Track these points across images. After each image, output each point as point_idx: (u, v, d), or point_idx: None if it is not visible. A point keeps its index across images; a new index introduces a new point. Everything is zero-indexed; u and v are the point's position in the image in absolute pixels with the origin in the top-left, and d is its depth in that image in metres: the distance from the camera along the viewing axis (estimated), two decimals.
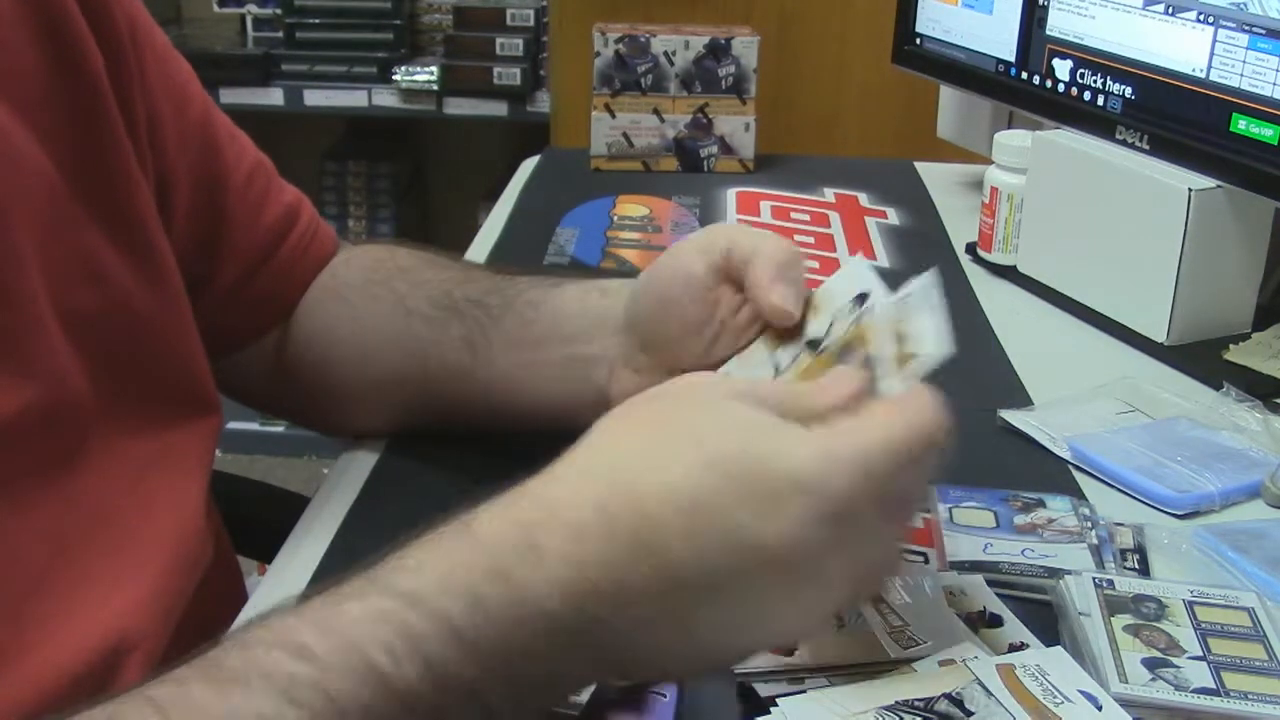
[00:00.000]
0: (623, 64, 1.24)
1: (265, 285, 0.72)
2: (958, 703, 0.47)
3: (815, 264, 1.04)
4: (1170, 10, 0.88)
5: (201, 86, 0.69)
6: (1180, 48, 0.88)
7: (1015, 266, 1.01)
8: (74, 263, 0.56)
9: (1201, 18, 0.86)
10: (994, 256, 1.03)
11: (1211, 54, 0.85)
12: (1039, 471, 0.72)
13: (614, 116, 1.25)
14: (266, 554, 0.65)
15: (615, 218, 1.15)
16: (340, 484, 0.69)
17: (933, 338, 0.52)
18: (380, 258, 0.75)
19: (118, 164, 0.59)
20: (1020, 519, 0.65)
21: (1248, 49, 0.83)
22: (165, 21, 2.38)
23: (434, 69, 2.15)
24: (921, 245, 1.10)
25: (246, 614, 0.58)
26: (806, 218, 1.16)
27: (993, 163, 1.03)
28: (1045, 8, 1.00)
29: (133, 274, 0.60)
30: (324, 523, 0.65)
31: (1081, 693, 0.48)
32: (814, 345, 0.56)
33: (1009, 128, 1.08)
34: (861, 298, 0.55)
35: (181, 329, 0.63)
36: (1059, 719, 0.46)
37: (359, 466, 0.71)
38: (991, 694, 0.47)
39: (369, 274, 0.74)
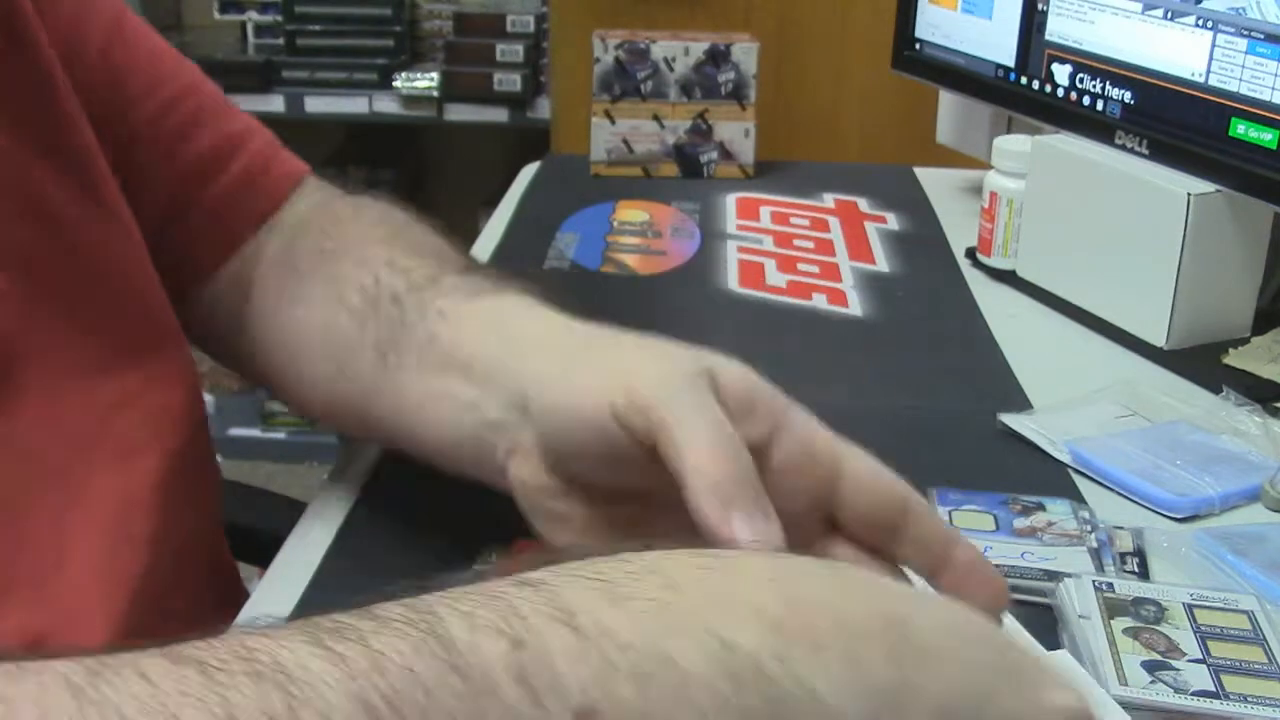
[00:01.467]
0: (622, 70, 1.24)
1: (197, 225, 0.67)
2: None
3: (815, 268, 1.05)
4: (1169, 15, 0.88)
5: (118, 9, 0.65)
6: (1179, 52, 0.88)
7: (1015, 271, 1.01)
8: (13, 197, 0.54)
9: (1200, 22, 0.86)
10: (993, 261, 1.03)
11: (1210, 58, 0.85)
12: (1038, 475, 0.72)
13: (614, 123, 1.26)
14: (268, 561, 0.65)
15: (615, 223, 1.15)
16: (339, 486, 0.69)
17: None
18: (344, 217, 0.68)
19: (53, 95, 0.57)
20: (1020, 522, 0.65)
21: (1246, 53, 0.83)
22: (166, 28, 2.38)
23: (434, 75, 2.16)
24: (921, 250, 1.10)
25: (246, 615, 0.58)
26: (806, 223, 1.16)
27: (992, 168, 1.03)
28: (1044, 13, 1.00)
29: (80, 206, 0.58)
30: (322, 525, 0.65)
31: None
32: None
33: (1008, 133, 1.09)
34: None
35: (135, 262, 0.61)
36: None
37: (358, 469, 0.71)
38: None
39: (325, 240, 0.66)
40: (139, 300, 0.61)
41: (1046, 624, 0.56)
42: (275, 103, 2.19)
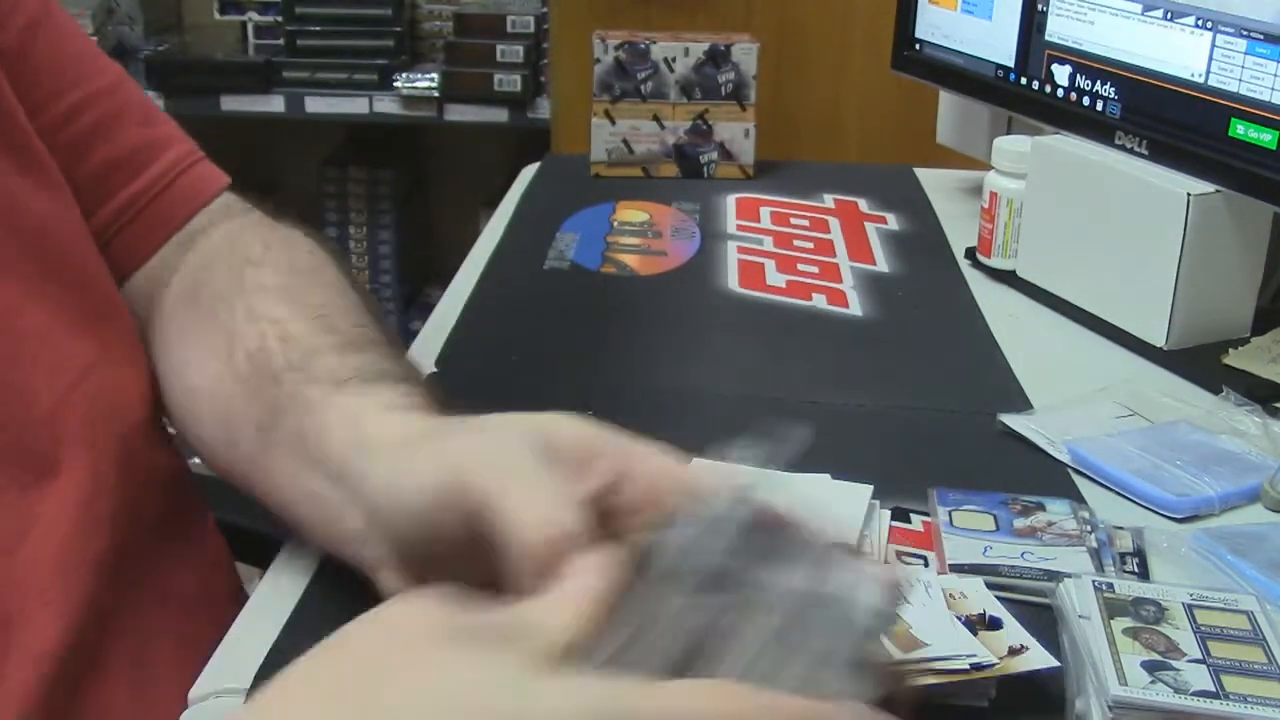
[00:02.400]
0: (622, 71, 1.24)
1: (96, 239, 0.64)
2: None
3: (815, 268, 1.05)
4: (1169, 15, 0.88)
5: (40, 9, 0.63)
6: (1179, 53, 0.88)
7: (1015, 271, 1.01)
8: None
9: (1200, 23, 0.86)
10: (993, 261, 1.03)
11: (1210, 59, 0.85)
12: (1038, 475, 0.72)
13: (614, 123, 1.26)
14: (268, 561, 0.65)
15: (615, 223, 1.15)
16: None
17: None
18: (251, 258, 0.63)
19: None
20: (1020, 522, 0.65)
21: (1246, 54, 0.83)
22: (166, 29, 2.38)
23: (435, 76, 2.16)
24: (921, 250, 1.10)
25: (245, 619, 0.58)
26: (806, 223, 1.16)
27: (992, 168, 1.03)
28: (1044, 13, 1.00)
29: (17, 177, 0.57)
30: None
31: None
32: None
33: (1008, 133, 1.09)
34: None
35: (76, 236, 0.60)
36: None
37: None
38: None
39: (228, 280, 0.62)
40: (82, 272, 0.60)
41: (1046, 623, 0.56)
42: (275, 103, 2.19)
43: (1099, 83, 0.95)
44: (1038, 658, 0.53)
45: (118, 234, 0.65)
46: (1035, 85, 1.02)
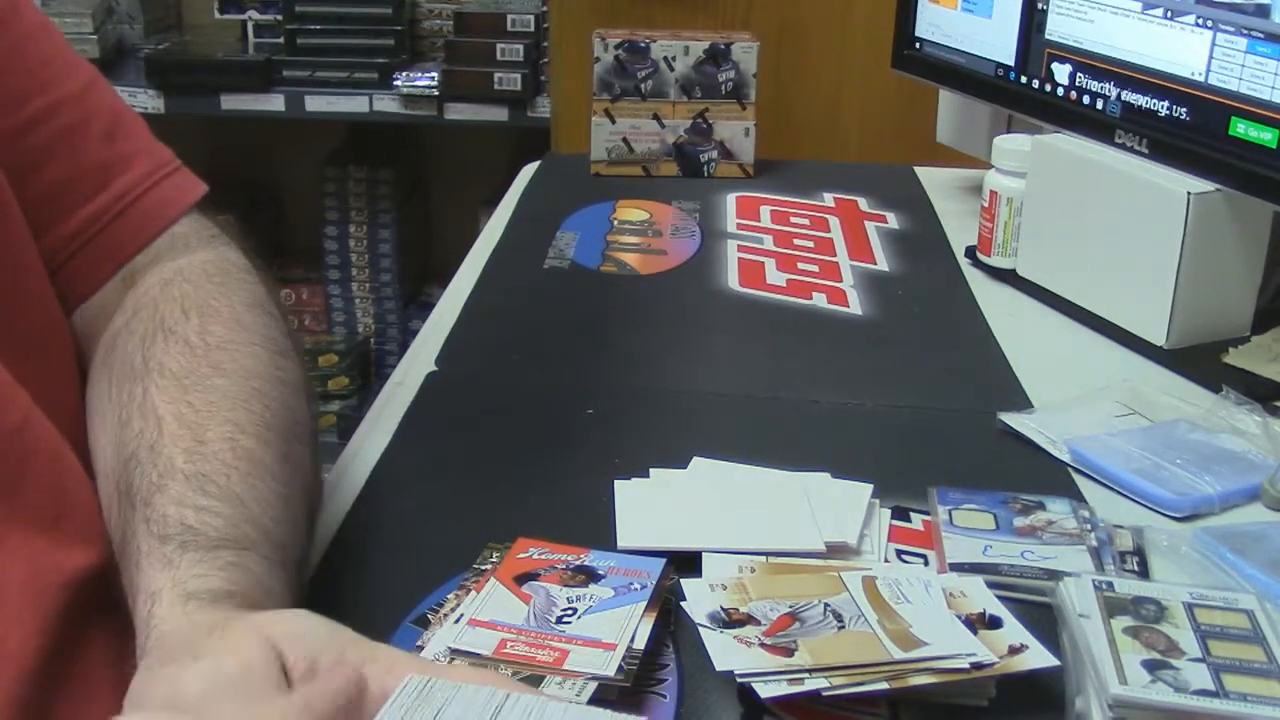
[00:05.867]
0: (622, 69, 1.25)
1: (48, 260, 0.60)
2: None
3: (815, 267, 1.05)
4: (1169, 14, 0.88)
5: (8, 8, 0.60)
6: (1179, 52, 0.88)
7: (1015, 270, 1.01)
8: None
9: (1200, 22, 0.86)
10: (993, 260, 1.03)
11: (1210, 58, 0.85)
12: (1038, 474, 0.72)
13: (614, 122, 1.26)
14: None
15: (615, 222, 1.15)
16: (340, 486, 0.69)
17: None
18: (167, 323, 0.61)
19: None
20: (1020, 521, 0.65)
21: (1246, 53, 0.83)
22: (166, 28, 2.38)
23: (435, 74, 2.16)
24: (921, 250, 1.10)
25: None
26: (806, 222, 1.16)
27: (992, 167, 1.03)
28: (1044, 12, 1.00)
29: None
30: (323, 525, 0.65)
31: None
32: None
33: (1008, 132, 1.09)
34: None
35: (15, 258, 0.58)
36: (899, 615, 0.54)
37: (358, 468, 0.71)
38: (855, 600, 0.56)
39: (137, 353, 0.60)
40: (18, 295, 0.58)
41: (1047, 622, 0.56)
42: (275, 102, 2.19)
43: (1099, 81, 0.95)
44: (1037, 657, 0.53)
45: (68, 260, 0.62)
46: (1035, 84, 1.02)
